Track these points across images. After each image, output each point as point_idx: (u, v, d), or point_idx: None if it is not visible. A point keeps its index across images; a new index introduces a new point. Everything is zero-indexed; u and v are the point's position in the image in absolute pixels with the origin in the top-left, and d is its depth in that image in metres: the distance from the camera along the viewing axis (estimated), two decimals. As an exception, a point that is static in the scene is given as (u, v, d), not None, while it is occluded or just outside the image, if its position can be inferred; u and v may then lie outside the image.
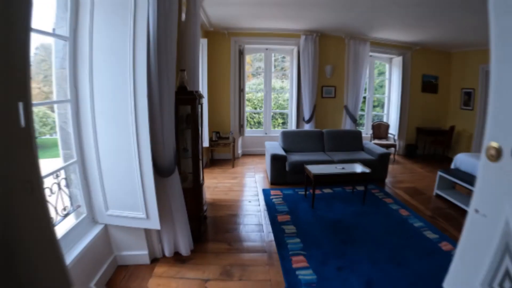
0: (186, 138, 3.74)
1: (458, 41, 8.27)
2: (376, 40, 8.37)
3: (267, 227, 4.32)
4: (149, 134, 2.72)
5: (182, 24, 3.99)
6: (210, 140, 7.02)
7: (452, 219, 5.04)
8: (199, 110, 3.78)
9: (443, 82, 9.73)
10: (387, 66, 9.60)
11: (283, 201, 5.24)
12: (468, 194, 6.16)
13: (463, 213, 5.29)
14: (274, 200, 5.26)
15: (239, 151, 8.15)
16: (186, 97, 3.48)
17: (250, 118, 9.14)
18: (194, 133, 3.60)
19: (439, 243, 4.12)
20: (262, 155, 8.12)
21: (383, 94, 10.00)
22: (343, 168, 5.35)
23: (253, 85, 9.12)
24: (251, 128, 9.11)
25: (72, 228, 2.72)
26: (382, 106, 10.16)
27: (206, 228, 4.24)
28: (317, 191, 5.57)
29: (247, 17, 6.62)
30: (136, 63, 2.58)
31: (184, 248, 3.49)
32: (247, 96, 8.50)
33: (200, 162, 3.85)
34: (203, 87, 5.86)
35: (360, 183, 5.99)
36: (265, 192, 5.61)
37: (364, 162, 6.13)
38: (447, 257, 3.76)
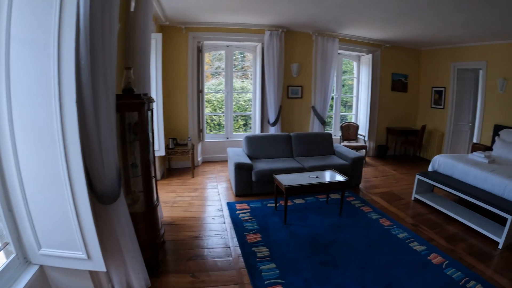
0: (135, 151, 3.15)
1: (429, 39, 8.17)
2: (345, 37, 8.09)
3: (235, 251, 3.81)
4: (82, 150, 2.10)
5: (131, 14, 3.46)
6: (167, 148, 6.39)
7: (435, 226, 4.95)
8: (149, 116, 3.21)
9: (413, 81, 9.71)
10: (355, 64, 9.40)
11: (251, 216, 4.75)
12: (447, 196, 6.11)
13: (445, 218, 5.25)
14: (241, 215, 4.75)
15: (199, 159, 7.56)
16: (132, 102, 2.90)
17: (210, 120, 8.54)
18: (143, 145, 3.02)
19: (428, 255, 3.96)
20: (224, 161, 7.65)
21: (352, 94, 9.77)
22: (316, 177, 4.97)
23: (212, 86, 8.52)
24: (211, 132, 8.52)
25: (0, 271, 2.11)
26: (350, 106, 9.95)
27: (165, 256, 3.65)
28: (289, 202, 5.09)
29: (207, 10, 6.02)
30: (62, 58, 1.96)
31: (139, 286, 2.91)
32: (206, 97, 7.89)
33: (153, 179, 3.27)
34: (157, 89, 5.30)
35: (334, 191, 5.66)
36: (230, 206, 5.08)
37: (337, 168, 5.84)
38: (440, 272, 3.66)
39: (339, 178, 5.04)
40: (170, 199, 5.34)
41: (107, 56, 2.24)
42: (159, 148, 5.46)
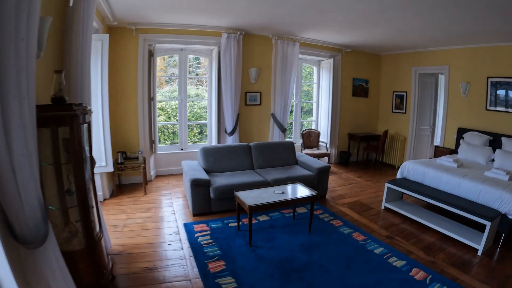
0: (70, 175, 2.57)
1: (390, 44, 8.17)
2: (306, 40, 7.86)
3: (197, 284, 3.29)
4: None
5: (69, 9, 2.95)
6: (115, 163, 5.72)
7: (411, 236, 4.84)
8: (84, 130, 2.67)
9: (374, 86, 9.75)
10: (315, 69, 9.20)
11: (212, 239, 4.25)
12: (416, 202, 6.06)
13: (419, 226, 5.19)
14: (200, 239, 4.23)
15: (152, 173, 6.90)
16: (60, 114, 2.36)
17: (164, 128, 7.94)
18: (77, 167, 2.49)
19: (410, 271, 3.79)
20: (179, 174, 7.11)
21: (311, 100, 9.57)
22: (282, 193, 4.61)
23: (166, 93, 7.94)
24: (165, 142, 7.92)
25: None
26: (309, 112, 9.77)
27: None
28: (252, 220, 4.50)
29: (159, 9, 5.45)
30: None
31: None
32: (159, 105, 7.29)
33: (93, 208, 2.73)
34: (102, 97, 4.69)
35: (301, 204, 5.33)
36: (188, 228, 4.54)
37: (303, 180, 5.57)
38: None
39: (307, 192, 4.70)
40: (120, 222, 4.67)
41: (22, 52, 1.67)
42: (106, 163, 4.87)
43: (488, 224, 4.25)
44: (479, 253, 4.29)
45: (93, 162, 3.01)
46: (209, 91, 7.64)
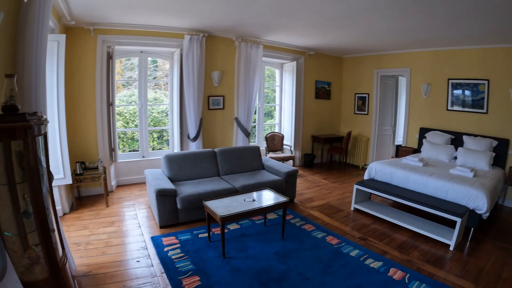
0: (26, 195, 2.20)
1: (353, 47, 8.29)
2: (270, 43, 7.78)
3: (171, 304, 3.04)
4: None
5: (23, 6, 2.63)
6: (74, 174, 5.26)
7: (383, 236, 4.91)
8: (41, 142, 2.35)
9: (336, 88, 9.88)
10: (277, 72, 9.13)
11: (183, 252, 3.99)
12: (383, 202, 6.20)
13: (389, 225, 5.29)
14: (170, 253, 3.96)
15: (113, 183, 6.43)
16: (11, 126, 2.03)
17: (122, 135, 7.49)
18: (33, 185, 2.17)
19: (388, 272, 3.83)
20: (141, 183, 6.76)
21: (274, 103, 9.50)
22: (254, 200, 4.46)
23: (124, 97, 7.50)
24: (124, 149, 7.46)
25: None
26: (270, 115, 9.76)
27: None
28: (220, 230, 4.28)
29: (119, 8, 5.06)
30: None
31: None
32: (116, 110, 6.86)
33: (54, 232, 2.41)
34: (58, 103, 4.35)
35: (271, 211, 5.15)
36: (156, 242, 4.23)
37: (271, 185, 5.47)
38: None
39: (278, 199, 4.57)
40: (83, 239, 4.26)
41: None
42: (64, 175, 4.49)
43: (458, 220, 4.42)
44: (451, 248, 4.48)
45: (51, 176, 2.68)
46: (170, 95, 7.32)
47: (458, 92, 7.27)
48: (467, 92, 7.11)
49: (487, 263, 4.14)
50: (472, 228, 4.75)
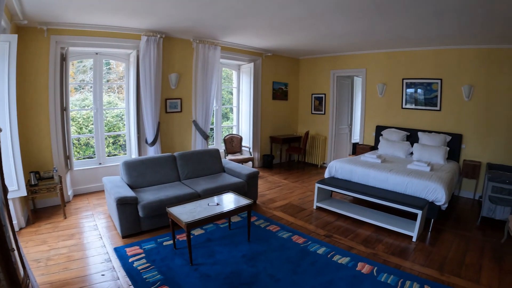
0: None
1: (310, 48, 8.46)
2: (227, 45, 7.77)
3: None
4: None
5: None
6: (28, 185, 4.94)
7: (347, 232, 5.09)
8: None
9: (293, 89, 10.09)
10: (235, 73, 9.14)
11: (149, 262, 3.89)
12: (344, 198, 6.47)
13: (352, 221, 5.51)
14: (136, 264, 3.84)
15: (69, 192, 6.13)
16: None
17: (75, 140, 7.19)
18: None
19: (356, 266, 3.98)
20: (99, 191, 6.51)
21: (231, 104, 9.55)
22: (218, 204, 4.45)
23: (77, 101, 7.19)
24: (79, 155, 7.17)
25: None
26: (226, 116, 9.84)
27: None
28: (185, 236, 4.21)
29: (74, 7, 4.80)
30: None
31: None
32: (70, 114, 6.51)
33: (14, 252, 2.29)
34: (10, 108, 4.09)
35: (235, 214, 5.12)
36: (120, 253, 4.09)
37: (233, 187, 5.54)
38: (374, 281, 3.67)
39: (242, 201, 4.60)
40: (43, 255, 4.01)
41: None
42: (18, 187, 4.23)
43: (419, 212, 4.71)
44: (414, 240, 4.77)
45: (5, 189, 2.56)
46: (126, 98, 7.11)
47: (412, 91, 7.64)
48: (421, 91, 7.48)
49: (450, 251, 4.46)
50: (433, 219, 5.09)
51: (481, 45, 6.64)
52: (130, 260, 3.94)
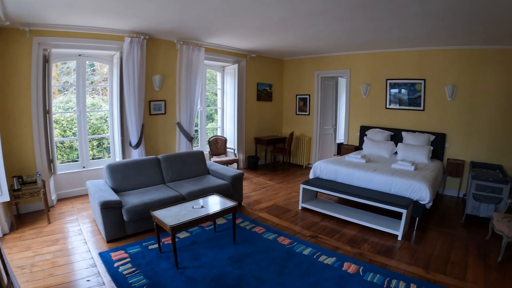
0: None
1: (294, 49, 8.55)
2: (211, 46, 7.82)
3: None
4: None
5: None
6: (11, 190, 4.92)
7: (333, 233, 5.17)
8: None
9: (277, 90, 10.21)
10: (219, 75, 9.20)
11: (134, 267, 3.90)
12: (329, 199, 6.57)
13: (338, 222, 5.60)
14: (121, 268, 3.86)
15: (53, 197, 6.05)
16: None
17: (60, 143, 7.14)
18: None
19: (342, 266, 4.05)
20: (84, 195, 6.48)
21: (216, 106, 9.61)
22: (202, 207, 4.49)
23: (60, 103, 7.11)
24: (62, 159, 7.11)
25: None
26: (210, 118, 9.90)
27: None
28: (170, 240, 4.27)
29: (58, 8, 4.74)
30: None
31: None
32: (54, 117, 6.47)
33: None
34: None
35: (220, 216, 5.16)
36: (105, 258, 4.09)
37: (217, 190, 5.58)
38: (361, 280, 3.73)
39: (227, 203, 4.65)
40: (27, 262, 3.99)
41: None
42: (1, 192, 4.21)
43: (404, 211, 4.82)
44: (399, 238, 4.88)
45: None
46: (110, 100, 7.09)
47: (396, 91, 7.80)
48: (404, 91, 7.65)
49: (435, 249, 4.59)
50: (417, 218, 5.22)
51: (464, 46, 6.84)
52: (116, 265, 3.95)
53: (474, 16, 4.75)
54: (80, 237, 4.75)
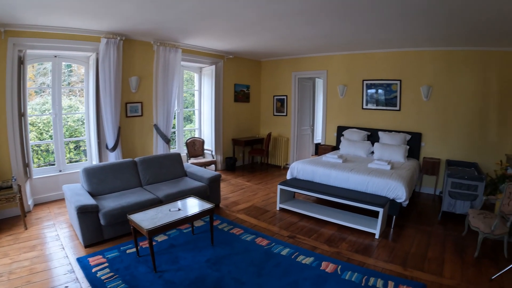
0: None
1: (271, 51, 8.73)
2: (188, 47, 7.93)
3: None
4: None
5: None
6: None
7: (311, 232, 5.30)
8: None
9: (255, 91, 10.38)
10: (196, 76, 9.29)
11: (113, 272, 3.96)
12: (308, 199, 6.74)
13: (316, 221, 5.74)
14: (99, 273, 3.91)
15: (29, 202, 6.02)
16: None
17: (37, 147, 7.00)
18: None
19: (320, 266, 4.15)
20: (61, 200, 6.46)
21: (193, 107, 9.68)
22: (179, 210, 4.58)
23: (37, 105, 7.06)
24: (38, 162, 7.04)
25: None
26: (188, 119, 9.98)
27: None
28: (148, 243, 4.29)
29: (33, 8, 4.75)
30: None
31: None
32: (30, 119, 6.48)
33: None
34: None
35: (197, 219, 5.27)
36: (83, 264, 4.13)
37: (195, 192, 5.69)
38: (339, 279, 3.84)
39: (204, 206, 4.75)
40: (5, 269, 3.99)
41: None
42: None
43: (380, 210, 4.98)
44: (377, 237, 5.05)
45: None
46: (86, 102, 7.09)
47: (373, 91, 8.04)
48: (381, 92, 7.90)
49: (412, 246, 4.77)
50: (394, 216, 5.39)
51: (439, 47, 7.14)
52: (94, 270, 4.00)
53: (450, 18, 4.99)
54: (57, 243, 4.77)
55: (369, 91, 8.25)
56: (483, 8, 4.39)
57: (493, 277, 3.92)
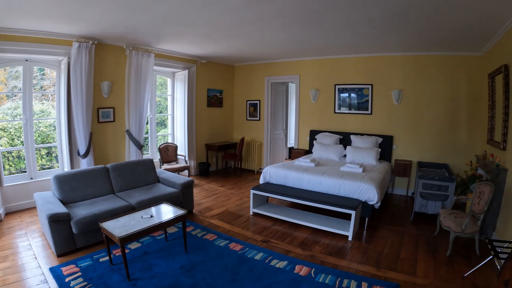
0: None
1: (244, 55, 8.91)
2: (161, 52, 8.04)
3: None
4: None
5: None
6: None
7: (284, 236, 5.44)
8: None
9: (228, 96, 10.57)
10: (169, 81, 9.39)
11: (86, 281, 4.01)
12: (281, 203, 6.87)
13: (289, 225, 5.88)
14: (72, 283, 3.96)
15: (1, 211, 6.02)
16: None
17: (8, 154, 6.94)
18: None
19: (294, 269, 4.27)
20: (32, 208, 6.47)
21: (166, 112, 9.79)
22: (151, 217, 4.67)
23: (8, 110, 7.02)
24: (10, 172, 6.97)
25: None
26: (162, 124, 10.08)
27: None
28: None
29: (1, 12, 4.80)
30: None
31: None
32: (0, 125, 6.50)
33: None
34: None
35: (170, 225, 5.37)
36: (56, 274, 4.17)
37: (168, 198, 5.80)
38: (312, 282, 3.97)
39: (176, 212, 4.85)
40: None
41: None
42: None
43: (353, 212, 5.16)
44: (350, 239, 5.22)
45: None
46: (57, 107, 7.09)
47: (345, 96, 8.31)
48: (353, 96, 8.18)
49: (385, 247, 4.97)
50: (367, 218, 5.58)
51: (408, 52, 7.45)
52: (67, 280, 4.03)
53: (418, 25, 5.24)
54: (30, 252, 4.78)
55: (342, 95, 8.52)
56: (452, 17, 4.70)
57: (465, 275, 4.14)
